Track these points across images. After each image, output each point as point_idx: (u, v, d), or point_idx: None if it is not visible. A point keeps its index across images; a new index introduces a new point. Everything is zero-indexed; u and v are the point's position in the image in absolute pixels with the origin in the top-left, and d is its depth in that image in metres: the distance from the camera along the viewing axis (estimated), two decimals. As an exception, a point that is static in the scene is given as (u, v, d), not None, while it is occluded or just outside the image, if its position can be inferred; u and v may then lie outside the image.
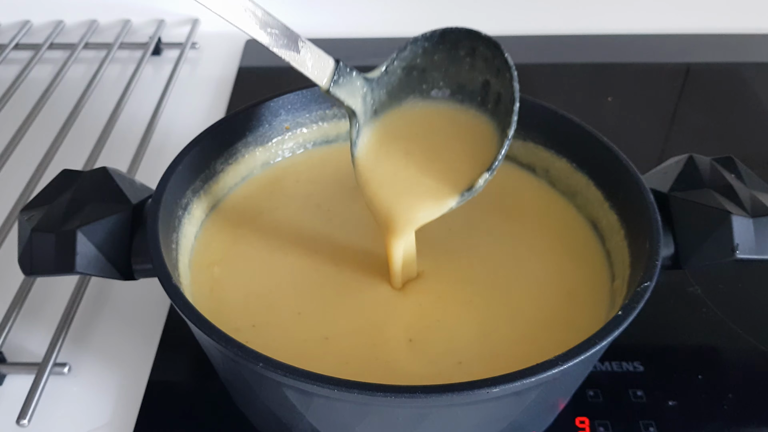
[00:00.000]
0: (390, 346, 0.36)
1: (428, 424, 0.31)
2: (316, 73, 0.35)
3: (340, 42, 0.78)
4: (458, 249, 0.42)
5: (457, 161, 0.37)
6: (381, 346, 0.36)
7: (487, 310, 0.38)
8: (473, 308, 0.38)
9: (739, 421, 0.40)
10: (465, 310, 0.38)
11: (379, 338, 0.37)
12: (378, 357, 0.36)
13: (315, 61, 0.35)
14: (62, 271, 0.36)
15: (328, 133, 0.49)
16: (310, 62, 0.35)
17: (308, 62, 0.35)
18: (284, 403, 0.32)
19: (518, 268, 0.41)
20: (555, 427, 0.39)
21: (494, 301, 0.38)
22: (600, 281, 0.40)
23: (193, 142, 0.42)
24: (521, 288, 0.39)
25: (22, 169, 0.56)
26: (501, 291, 0.39)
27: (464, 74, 0.39)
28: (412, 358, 0.36)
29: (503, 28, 0.80)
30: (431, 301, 0.38)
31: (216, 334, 0.31)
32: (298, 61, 0.35)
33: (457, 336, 0.37)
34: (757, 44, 0.80)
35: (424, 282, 0.39)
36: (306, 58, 0.35)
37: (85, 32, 0.77)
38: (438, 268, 0.40)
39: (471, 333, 0.37)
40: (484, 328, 0.37)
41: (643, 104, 0.70)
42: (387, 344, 0.36)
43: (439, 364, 0.35)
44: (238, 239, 0.42)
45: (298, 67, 0.35)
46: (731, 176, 0.40)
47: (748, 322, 0.46)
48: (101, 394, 0.42)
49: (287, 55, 0.35)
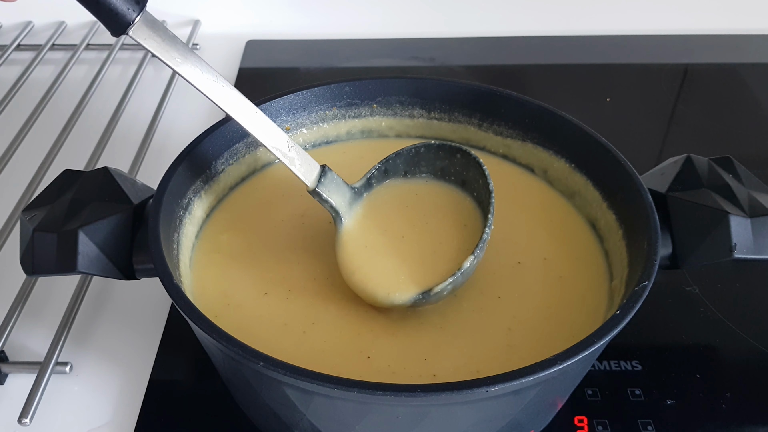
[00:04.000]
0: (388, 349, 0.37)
1: (428, 423, 0.31)
2: (303, 172, 0.38)
3: (340, 42, 0.79)
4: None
5: (439, 244, 0.39)
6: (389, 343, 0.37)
7: (486, 309, 0.38)
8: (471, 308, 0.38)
9: (737, 419, 0.40)
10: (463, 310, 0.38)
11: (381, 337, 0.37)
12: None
13: (302, 161, 0.38)
14: (64, 270, 0.37)
15: (328, 133, 0.49)
16: (297, 163, 0.37)
17: (296, 162, 0.37)
18: (285, 402, 0.32)
19: (516, 268, 0.41)
20: (554, 426, 0.40)
21: (492, 301, 0.39)
22: (598, 281, 0.40)
23: (193, 142, 0.42)
24: (519, 287, 0.40)
25: (24, 169, 0.57)
26: (499, 290, 0.39)
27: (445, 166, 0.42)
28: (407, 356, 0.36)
29: (503, 29, 0.81)
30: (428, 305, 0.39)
31: (217, 333, 0.31)
32: (288, 159, 0.37)
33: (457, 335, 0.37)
34: (755, 45, 0.80)
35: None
36: (294, 157, 0.37)
37: (87, 33, 0.77)
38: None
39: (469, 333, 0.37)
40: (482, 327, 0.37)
41: (641, 105, 0.70)
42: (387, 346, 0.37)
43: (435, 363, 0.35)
44: (240, 239, 0.42)
45: (288, 165, 0.37)
46: (729, 176, 0.40)
47: (745, 322, 0.46)
48: (103, 393, 0.43)
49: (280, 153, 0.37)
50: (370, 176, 0.41)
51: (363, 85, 0.48)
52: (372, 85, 0.48)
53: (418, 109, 0.49)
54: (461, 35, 0.81)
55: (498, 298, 0.39)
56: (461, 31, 0.81)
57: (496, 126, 0.47)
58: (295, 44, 0.79)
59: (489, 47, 0.80)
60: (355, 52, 0.77)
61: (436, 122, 0.49)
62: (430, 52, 0.78)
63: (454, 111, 0.48)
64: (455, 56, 0.78)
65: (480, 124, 0.48)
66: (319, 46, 0.78)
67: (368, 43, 0.79)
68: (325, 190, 0.38)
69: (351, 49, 0.78)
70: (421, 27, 0.81)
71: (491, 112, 0.47)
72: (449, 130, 0.49)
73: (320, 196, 0.38)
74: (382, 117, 0.49)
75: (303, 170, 0.38)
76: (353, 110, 0.49)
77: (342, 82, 0.48)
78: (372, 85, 0.48)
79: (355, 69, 0.74)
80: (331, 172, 0.39)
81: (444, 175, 0.42)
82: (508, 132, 0.47)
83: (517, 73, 0.76)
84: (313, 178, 0.38)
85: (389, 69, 0.74)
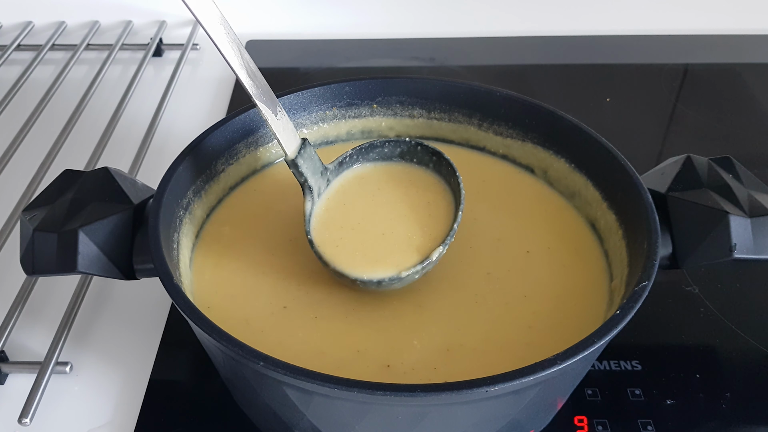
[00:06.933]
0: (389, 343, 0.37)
1: (427, 423, 0.32)
2: (285, 140, 0.38)
3: (340, 42, 0.79)
4: (456, 249, 0.42)
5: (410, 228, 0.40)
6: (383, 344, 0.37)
7: (485, 309, 0.38)
8: (471, 308, 0.38)
9: (736, 419, 0.41)
10: (463, 309, 0.38)
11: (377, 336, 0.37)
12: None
13: (286, 130, 0.38)
14: (64, 270, 0.37)
15: (328, 133, 0.49)
16: (281, 128, 0.38)
17: (281, 128, 0.38)
18: (285, 401, 0.32)
19: (516, 268, 0.41)
20: (553, 426, 0.40)
21: (492, 301, 0.39)
22: (598, 281, 0.40)
23: (194, 142, 0.42)
24: (519, 287, 0.40)
25: (24, 169, 0.57)
26: (499, 290, 0.39)
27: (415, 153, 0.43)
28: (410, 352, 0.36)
29: (503, 29, 0.81)
30: (430, 301, 0.39)
31: (217, 333, 0.31)
32: (274, 123, 0.37)
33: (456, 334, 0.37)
34: (755, 45, 0.80)
35: (423, 281, 0.40)
36: (281, 123, 0.38)
37: (87, 33, 0.77)
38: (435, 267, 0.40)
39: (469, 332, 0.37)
40: (482, 327, 0.37)
41: (641, 105, 0.70)
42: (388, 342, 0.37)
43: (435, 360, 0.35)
44: (240, 239, 0.42)
45: (273, 127, 0.37)
46: (729, 176, 0.40)
47: (745, 321, 0.46)
48: (103, 393, 0.43)
49: (267, 113, 0.37)
50: (342, 159, 0.42)
51: (363, 85, 0.48)
52: (372, 85, 0.48)
53: (418, 109, 0.49)
54: (461, 35, 0.81)
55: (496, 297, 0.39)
56: (461, 31, 0.81)
57: (496, 126, 0.47)
58: (295, 44, 0.79)
59: (489, 47, 0.80)
60: (355, 52, 0.77)
61: (436, 122, 0.49)
62: (430, 52, 0.78)
63: (454, 111, 0.48)
64: (455, 56, 0.78)
65: (480, 124, 0.48)
66: (319, 46, 0.78)
67: (368, 43, 0.79)
68: (302, 162, 0.39)
69: (351, 49, 0.78)
70: (421, 27, 0.81)
71: (491, 112, 0.47)
72: (449, 130, 0.49)
73: (297, 167, 0.39)
74: (382, 117, 0.49)
75: (285, 138, 0.38)
76: (353, 110, 0.49)
77: (342, 82, 0.48)
78: (372, 85, 0.48)
79: (355, 69, 0.74)
80: (310, 146, 0.39)
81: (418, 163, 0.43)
82: (508, 132, 0.47)
83: (517, 73, 0.76)
84: (293, 148, 0.38)
85: (389, 69, 0.75)
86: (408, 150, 0.43)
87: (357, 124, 0.49)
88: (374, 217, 0.40)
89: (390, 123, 0.49)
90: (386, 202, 0.41)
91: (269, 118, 0.37)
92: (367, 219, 0.40)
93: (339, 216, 0.40)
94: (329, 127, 0.49)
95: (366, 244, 0.39)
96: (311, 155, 0.39)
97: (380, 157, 0.43)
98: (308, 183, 0.39)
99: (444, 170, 0.42)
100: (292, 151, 0.38)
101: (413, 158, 0.43)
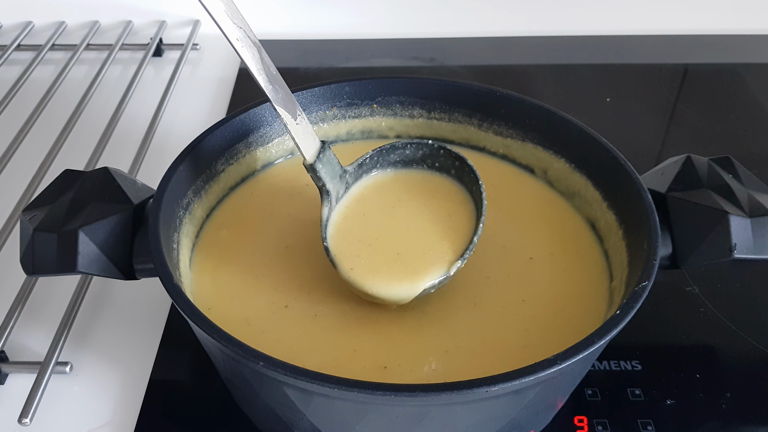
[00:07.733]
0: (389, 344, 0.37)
1: (427, 423, 0.32)
2: (305, 144, 0.37)
3: (340, 42, 0.79)
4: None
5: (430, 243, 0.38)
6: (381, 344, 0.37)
7: (485, 309, 0.38)
8: (472, 308, 0.38)
9: (737, 419, 0.41)
10: (463, 309, 0.38)
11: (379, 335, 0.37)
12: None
13: (306, 134, 0.37)
14: (64, 270, 0.37)
15: (328, 133, 0.49)
16: (301, 133, 0.37)
17: (300, 132, 0.37)
18: (285, 401, 0.32)
19: (516, 268, 0.41)
20: (553, 426, 0.40)
21: (492, 301, 0.39)
22: (598, 281, 0.40)
23: (194, 142, 0.42)
24: (519, 287, 0.40)
25: (24, 169, 0.57)
26: (499, 290, 0.39)
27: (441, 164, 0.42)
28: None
29: (503, 29, 0.81)
30: (428, 303, 0.39)
31: (217, 333, 0.31)
32: (294, 127, 0.36)
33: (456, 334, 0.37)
34: (755, 45, 0.80)
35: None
36: (300, 127, 0.37)
37: (87, 33, 0.77)
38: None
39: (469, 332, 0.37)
40: (479, 330, 0.37)
41: (641, 105, 0.70)
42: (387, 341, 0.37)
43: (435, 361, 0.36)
44: (240, 238, 0.42)
45: (292, 131, 0.36)
46: (729, 176, 0.40)
47: (745, 322, 0.46)
48: (103, 393, 0.43)
49: (287, 117, 0.36)
50: (362, 161, 0.41)
51: (363, 85, 0.48)
52: (372, 85, 0.48)
53: (418, 109, 0.49)
54: (461, 35, 0.81)
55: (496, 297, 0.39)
56: (461, 31, 0.81)
57: (496, 126, 0.47)
58: (295, 44, 0.79)
59: (489, 47, 0.80)
60: (355, 52, 0.77)
61: (436, 122, 0.49)
62: (430, 52, 0.78)
63: (454, 111, 0.48)
64: (455, 56, 0.78)
65: (480, 124, 0.48)
66: (319, 46, 0.78)
67: (368, 43, 0.79)
68: (321, 167, 0.38)
69: (351, 49, 0.78)
70: (421, 27, 0.81)
71: (491, 112, 0.47)
72: (449, 130, 0.49)
73: (315, 171, 0.38)
74: (382, 117, 0.49)
75: (305, 142, 0.37)
76: (353, 110, 0.49)
77: (342, 82, 0.48)
78: (372, 85, 0.48)
79: (355, 69, 0.74)
80: (329, 149, 0.38)
81: (439, 170, 0.42)
82: (508, 132, 0.47)
83: (517, 73, 0.76)
84: (312, 152, 0.37)
85: (389, 69, 0.75)
86: (430, 153, 0.42)
87: (357, 124, 0.49)
88: (393, 232, 0.39)
89: (390, 123, 0.49)
90: (406, 215, 0.40)
91: (288, 123, 0.36)
92: (385, 234, 0.39)
93: (357, 228, 0.39)
94: (329, 127, 0.49)
95: (384, 261, 0.38)
96: (330, 159, 0.38)
97: (401, 159, 0.42)
98: (326, 187, 0.38)
99: (466, 177, 0.41)
100: (311, 156, 0.37)
101: (435, 163, 0.42)
